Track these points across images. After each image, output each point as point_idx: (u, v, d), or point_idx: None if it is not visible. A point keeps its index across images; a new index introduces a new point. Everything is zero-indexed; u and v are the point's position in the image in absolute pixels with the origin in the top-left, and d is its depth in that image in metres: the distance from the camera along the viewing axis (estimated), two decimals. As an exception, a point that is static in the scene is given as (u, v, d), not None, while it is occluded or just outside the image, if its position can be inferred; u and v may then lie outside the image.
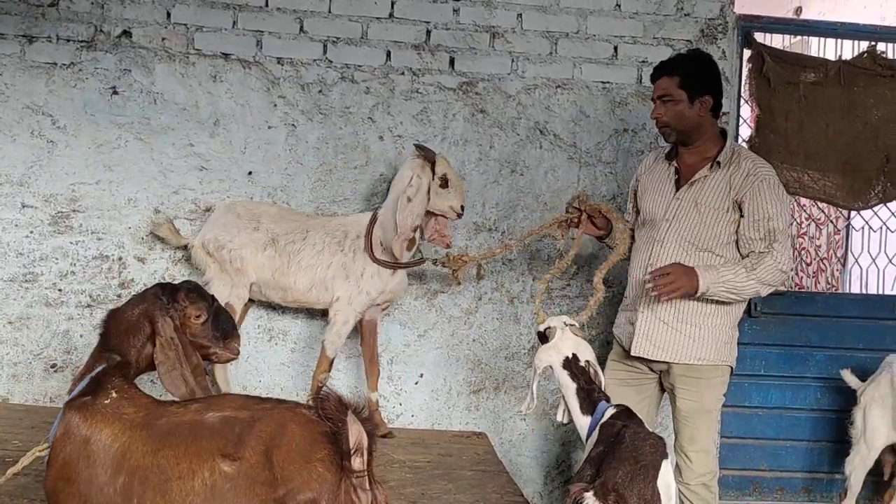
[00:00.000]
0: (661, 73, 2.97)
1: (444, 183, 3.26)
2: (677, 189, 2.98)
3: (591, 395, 2.56)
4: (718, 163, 2.93)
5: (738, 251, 2.92)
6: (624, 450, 2.24)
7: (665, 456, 2.28)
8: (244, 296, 3.39)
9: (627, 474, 2.16)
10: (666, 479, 2.24)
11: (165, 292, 2.10)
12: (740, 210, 2.89)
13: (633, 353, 2.98)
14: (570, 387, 2.60)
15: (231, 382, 3.39)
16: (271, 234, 3.35)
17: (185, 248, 3.50)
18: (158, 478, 1.76)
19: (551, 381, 3.23)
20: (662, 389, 3.06)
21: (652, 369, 3.02)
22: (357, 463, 1.72)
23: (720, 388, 2.98)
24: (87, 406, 1.89)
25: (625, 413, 2.50)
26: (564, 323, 2.70)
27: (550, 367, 2.64)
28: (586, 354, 2.64)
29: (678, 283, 2.74)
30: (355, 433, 1.71)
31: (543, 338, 2.71)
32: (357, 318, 3.29)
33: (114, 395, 1.92)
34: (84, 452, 1.84)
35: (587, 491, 2.13)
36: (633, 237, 3.12)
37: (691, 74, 2.92)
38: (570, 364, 2.61)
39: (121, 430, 1.84)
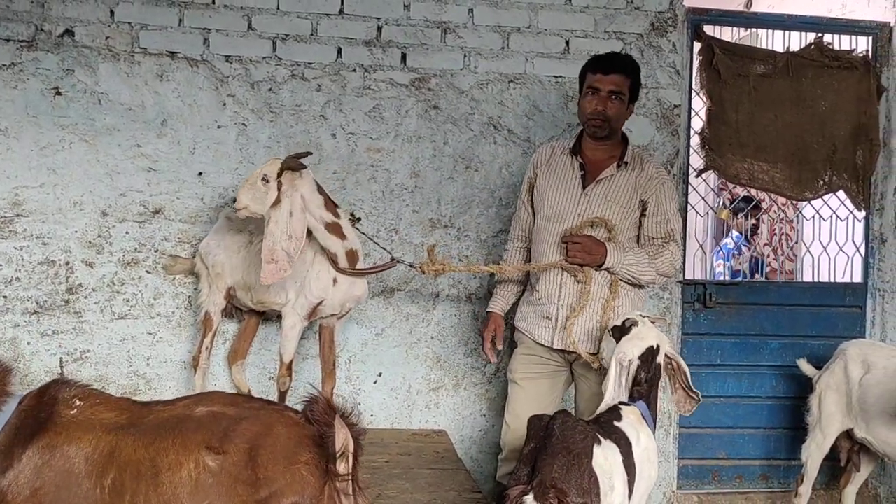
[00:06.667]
0: (615, 69, 2.99)
1: None
2: (584, 185, 3.03)
3: (639, 393, 2.59)
4: (626, 163, 3.03)
5: (637, 245, 3.03)
6: (555, 442, 2.20)
7: (596, 440, 2.27)
8: (220, 302, 3.33)
9: (563, 467, 2.12)
10: (600, 462, 2.23)
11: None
12: (643, 209, 3.01)
13: (555, 347, 3.02)
14: (630, 378, 2.60)
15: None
16: (250, 237, 3.28)
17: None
18: (150, 471, 1.73)
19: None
20: (572, 379, 3.11)
21: (566, 359, 3.07)
22: (342, 467, 1.70)
23: None
24: (46, 427, 1.79)
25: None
26: (642, 315, 2.72)
27: (630, 359, 2.61)
28: (666, 347, 2.67)
29: (586, 252, 2.90)
30: (342, 437, 1.70)
31: (619, 332, 2.69)
32: (303, 321, 3.13)
33: (78, 403, 1.84)
34: (63, 468, 1.75)
35: (526, 494, 2.08)
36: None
37: (637, 81, 3.07)
38: (648, 355, 2.61)
39: (104, 433, 1.79)
